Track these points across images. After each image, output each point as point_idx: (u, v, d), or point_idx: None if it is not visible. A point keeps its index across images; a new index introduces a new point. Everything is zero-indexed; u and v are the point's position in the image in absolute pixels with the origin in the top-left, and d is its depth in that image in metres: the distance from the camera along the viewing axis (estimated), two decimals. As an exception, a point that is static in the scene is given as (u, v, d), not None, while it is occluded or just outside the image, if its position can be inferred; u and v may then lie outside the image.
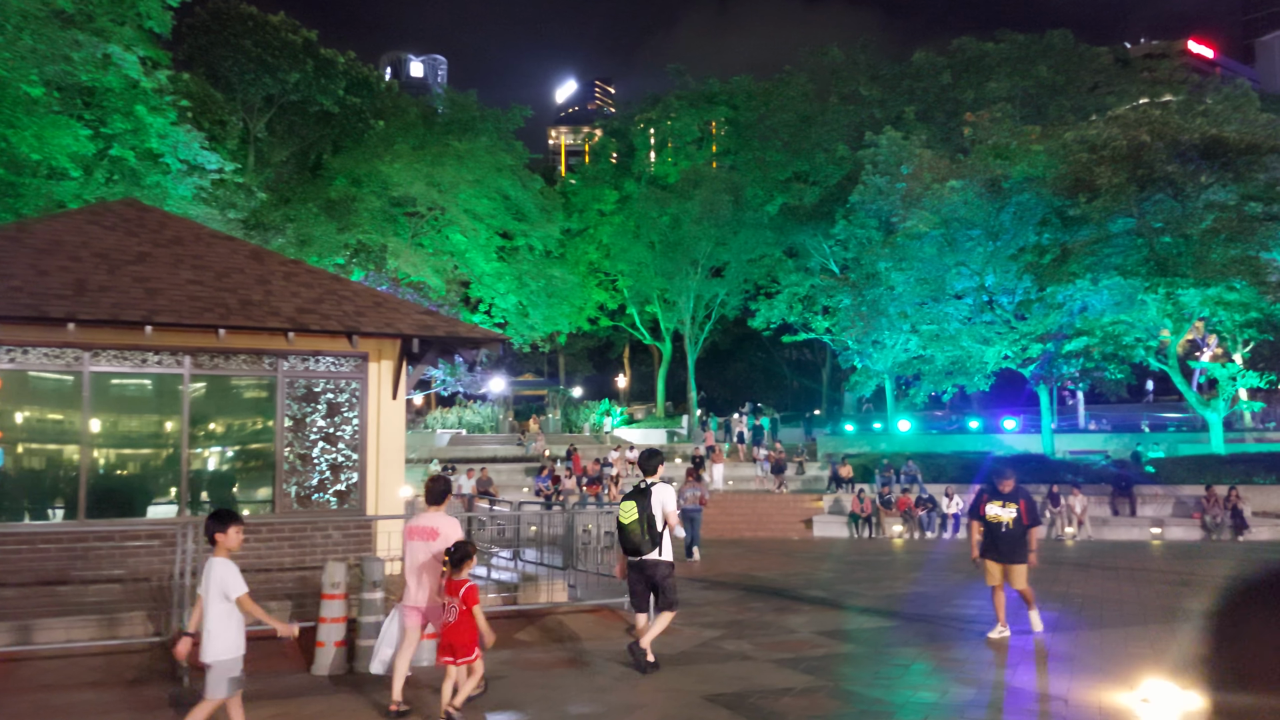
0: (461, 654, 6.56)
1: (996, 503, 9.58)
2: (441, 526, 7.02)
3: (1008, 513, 9.47)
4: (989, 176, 29.08)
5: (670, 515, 8.08)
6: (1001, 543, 9.50)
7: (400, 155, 38.77)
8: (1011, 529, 9.44)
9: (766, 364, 62.43)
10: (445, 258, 43.13)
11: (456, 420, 49.01)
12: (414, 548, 7.07)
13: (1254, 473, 24.47)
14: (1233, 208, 25.08)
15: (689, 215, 43.43)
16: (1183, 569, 15.62)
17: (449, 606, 6.58)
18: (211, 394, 10.99)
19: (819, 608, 11.91)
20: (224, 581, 5.48)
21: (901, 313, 31.85)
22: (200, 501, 10.68)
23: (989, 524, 9.59)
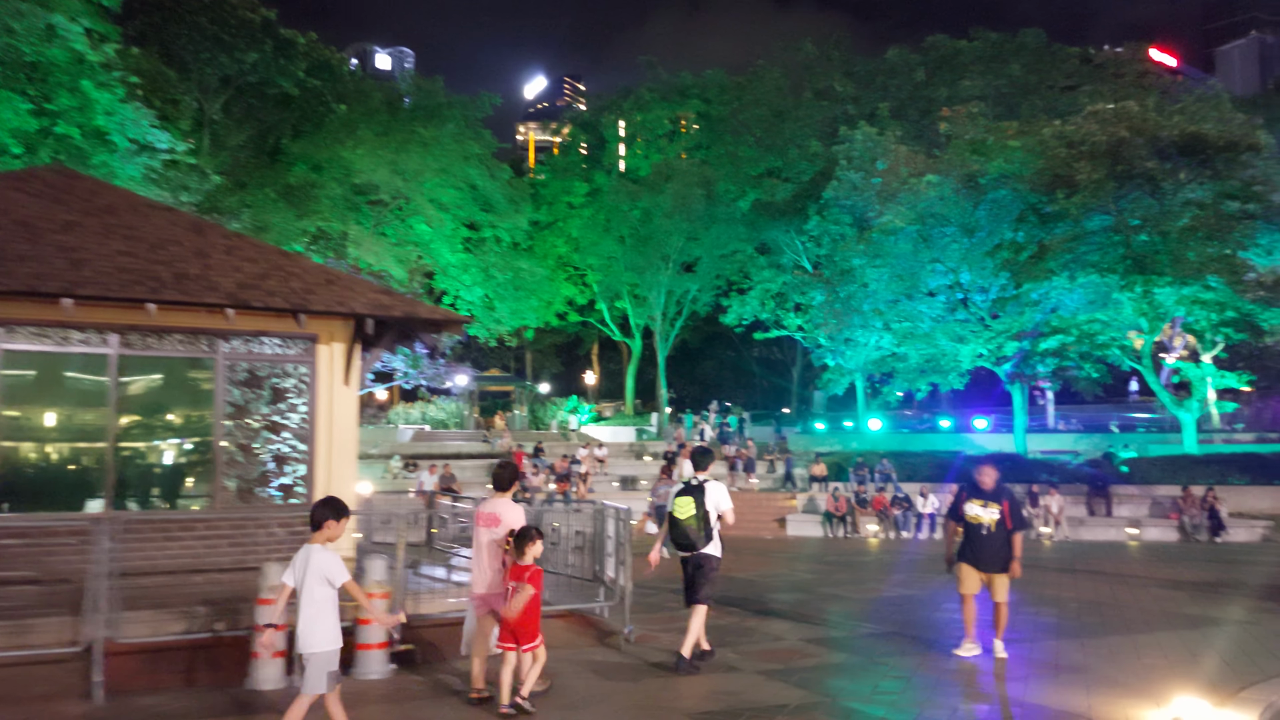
0: (525, 640, 6.48)
1: (977, 502, 8.38)
2: (503, 512, 6.99)
3: (989, 514, 8.26)
4: (966, 172, 28.61)
5: (726, 513, 8.12)
6: (982, 548, 8.31)
7: (363, 141, 37.61)
8: (994, 532, 8.23)
9: (736, 362, 61.82)
10: (409, 248, 42.05)
11: (420, 416, 47.96)
12: (478, 534, 7.11)
13: (1228, 473, 24.14)
14: (1210, 206, 24.75)
15: (660, 209, 42.66)
16: (1170, 572, 15.08)
17: (513, 593, 6.49)
18: (143, 377, 10.02)
19: (802, 612, 11.18)
20: (328, 568, 5.34)
21: (875, 310, 31.31)
22: (128, 495, 9.71)
23: (968, 525, 8.42)
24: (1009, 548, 8.27)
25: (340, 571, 5.39)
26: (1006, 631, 9.26)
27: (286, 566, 5.47)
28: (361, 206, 41.23)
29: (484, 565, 7.02)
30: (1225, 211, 24.45)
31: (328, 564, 5.36)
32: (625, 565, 9.45)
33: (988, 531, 8.27)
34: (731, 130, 48.15)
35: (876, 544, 22.23)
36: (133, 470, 9.97)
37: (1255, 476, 23.93)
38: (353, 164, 38.12)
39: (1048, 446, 32.73)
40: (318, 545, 5.42)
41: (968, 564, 8.43)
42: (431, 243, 42.63)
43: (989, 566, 8.30)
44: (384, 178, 38.28)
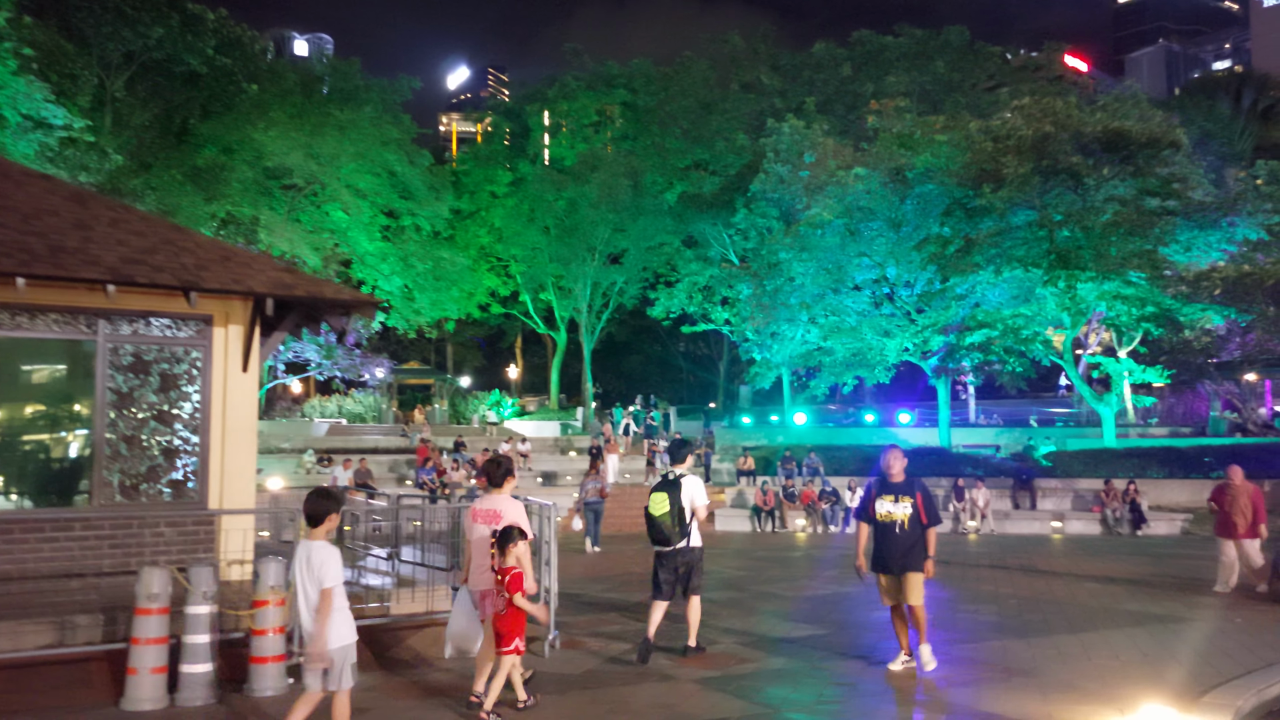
0: (502, 644, 6.28)
1: (887, 497, 7.64)
2: (504, 509, 6.84)
3: (901, 509, 7.56)
4: (893, 165, 28.54)
5: (699, 508, 8.13)
6: (894, 547, 7.57)
7: (276, 123, 36.06)
8: (907, 529, 7.53)
9: (663, 356, 61.49)
10: (325, 235, 40.60)
11: (337, 409, 46.50)
12: (477, 531, 6.90)
13: (1148, 466, 24.48)
14: (1131, 202, 25.05)
15: (586, 199, 41.93)
16: (1101, 566, 14.99)
17: (498, 595, 6.34)
18: (13, 360, 9.00)
19: (736, 612, 10.66)
20: (321, 565, 5.18)
21: (803, 303, 31.10)
22: (-8, 492, 8.69)
23: (879, 525, 7.66)
24: (923, 545, 7.61)
25: (333, 574, 5.22)
26: (950, 631, 8.88)
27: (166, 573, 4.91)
28: (275, 191, 39.66)
29: (484, 563, 6.79)
30: (1146, 208, 24.76)
31: (328, 562, 5.21)
32: (550, 566, 8.77)
33: (901, 529, 7.56)
34: (658, 122, 47.65)
35: (805, 538, 21.94)
36: (1, 464, 8.94)
37: (1173, 470, 24.31)
38: (265, 146, 36.57)
39: (970, 440, 33.03)
40: (319, 541, 5.25)
41: (881, 571, 7.71)
42: (348, 230, 41.22)
43: (901, 565, 7.56)
44: (297, 161, 36.79)
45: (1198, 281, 23.79)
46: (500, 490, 7.03)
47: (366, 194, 40.66)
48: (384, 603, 8.79)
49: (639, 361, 62.76)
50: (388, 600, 8.80)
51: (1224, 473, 12.13)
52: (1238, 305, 23.57)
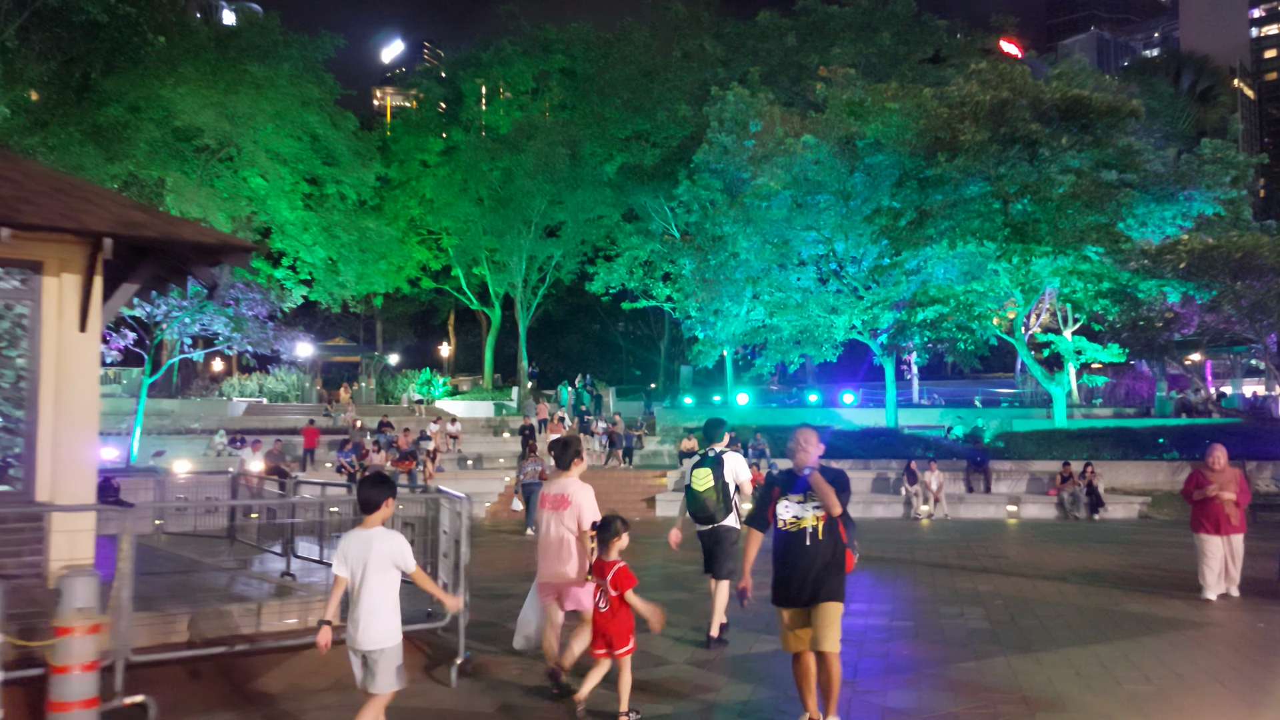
0: (618, 645, 5.78)
1: (794, 498, 5.47)
2: (573, 493, 6.40)
3: (815, 511, 5.39)
4: (843, 134, 27.28)
5: (744, 484, 7.89)
6: (804, 565, 5.34)
7: (186, 79, 33.49)
8: (820, 540, 5.36)
9: (603, 336, 60.02)
10: (243, 203, 38.15)
11: (257, 388, 44.31)
12: (545, 518, 6.49)
13: (1101, 448, 23.66)
14: (1088, 174, 24.10)
15: (522, 169, 40.02)
16: (1076, 557, 13.86)
17: (600, 591, 5.84)
18: None
19: (688, 618, 9.17)
20: (397, 553, 4.94)
21: (748, 278, 29.77)
22: None
23: (782, 536, 5.48)
24: (840, 563, 5.48)
25: (410, 557, 4.99)
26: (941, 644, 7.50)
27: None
28: (187, 154, 37.09)
29: (551, 552, 6.40)
30: (1103, 180, 23.82)
31: (396, 548, 4.94)
32: (462, 570, 7.16)
33: (812, 540, 5.35)
34: (598, 90, 45.77)
35: (751, 525, 20.59)
36: None
37: (1127, 451, 23.54)
38: (174, 105, 33.97)
39: (914, 421, 32.13)
40: (381, 529, 4.98)
41: (784, 604, 5.48)
42: (268, 198, 38.83)
43: (812, 594, 5.35)
44: (209, 121, 34.27)
45: (1160, 255, 22.93)
46: (568, 473, 6.52)
47: (288, 160, 38.31)
48: (256, 611, 7.11)
49: (578, 341, 61.22)
50: (260, 614, 7.12)
51: (1204, 455, 10.11)
52: (1201, 280, 22.78)
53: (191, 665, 6.28)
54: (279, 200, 38.88)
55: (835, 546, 5.47)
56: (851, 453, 24.43)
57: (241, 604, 7.22)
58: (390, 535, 4.97)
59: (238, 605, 7.16)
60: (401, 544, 4.97)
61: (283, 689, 6.35)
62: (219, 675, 6.29)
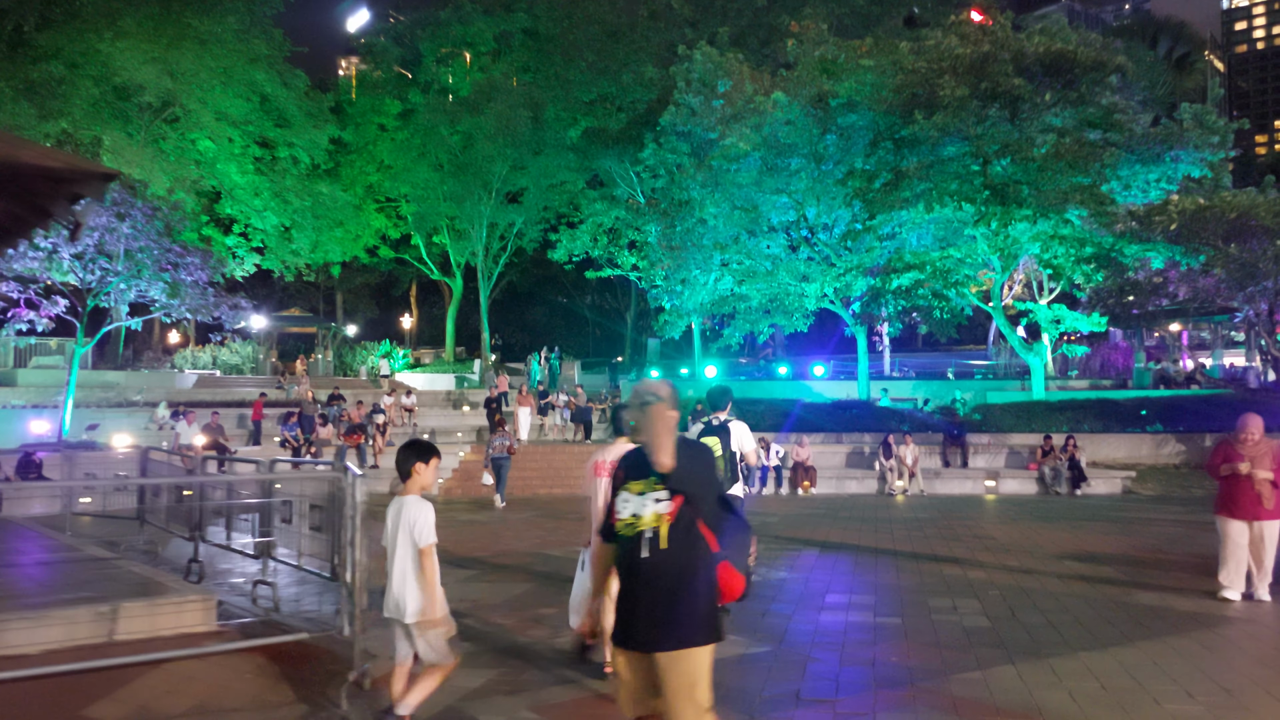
0: None
1: (635, 486, 3.64)
2: None
3: (651, 506, 3.56)
4: (816, 92, 26.03)
5: (749, 453, 7.80)
6: (637, 588, 3.55)
7: (126, 34, 31.63)
8: (667, 550, 3.50)
9: (569, 308, 58.79)
10: (190, 166, 36.39)
11: (211, 360, 42.70)
12: (603, 485, 5.94)
13: (1082, 420, 22.75)
14: (1071, 133, 23.03)
15: (482, 132, 38.44)
16: (1069, 537, 12.84)
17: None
18: None
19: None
20: (415, 524, 4.71)
21: (716, 244, 28.53)
22: None
23: (619, 543, 3.66)
24: (703, 587, 3.52)
25: (428, 531, 4.72)
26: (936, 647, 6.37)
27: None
28: (130, 114, 35.19)
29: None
30: (1087, 140, 22.75)
31: (415, 518, 4.71)
32: (353, 561, 5.90)
33: (651, 549, 3.50)
34: (562, 52, 44.07)
35: (719, 502, 19.46)
36: None
37: (1109, 424, 22.64)
38: (113, 60, 32.14)
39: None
40: (411, 496, 4.81)
41: (621, 644, 3.60)
42: (216, 161, 37.08)
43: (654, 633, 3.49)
44: (151, 78, 32.43)
45: (1150, 216, 21.91)
46: (624, 439, 6.03)
47: (237, 121, 36.55)
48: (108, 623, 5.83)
49: (544, 313, 59.95)
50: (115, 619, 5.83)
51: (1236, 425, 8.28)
52: (1190, 245, 21.81)
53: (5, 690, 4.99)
54: (228, 164, 37.21)
55: (693, 560, 3.47)
56: (823, 426, 23.38)
57: (93, 606, 5.93)
58: (416, 505, 4.76)
59: (88, 608, 5.87)
60: (421, 515, 4.73)
61: (123, 717, 5.07)
62: (44, 700, 5.01)
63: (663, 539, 3.48)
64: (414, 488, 4.83)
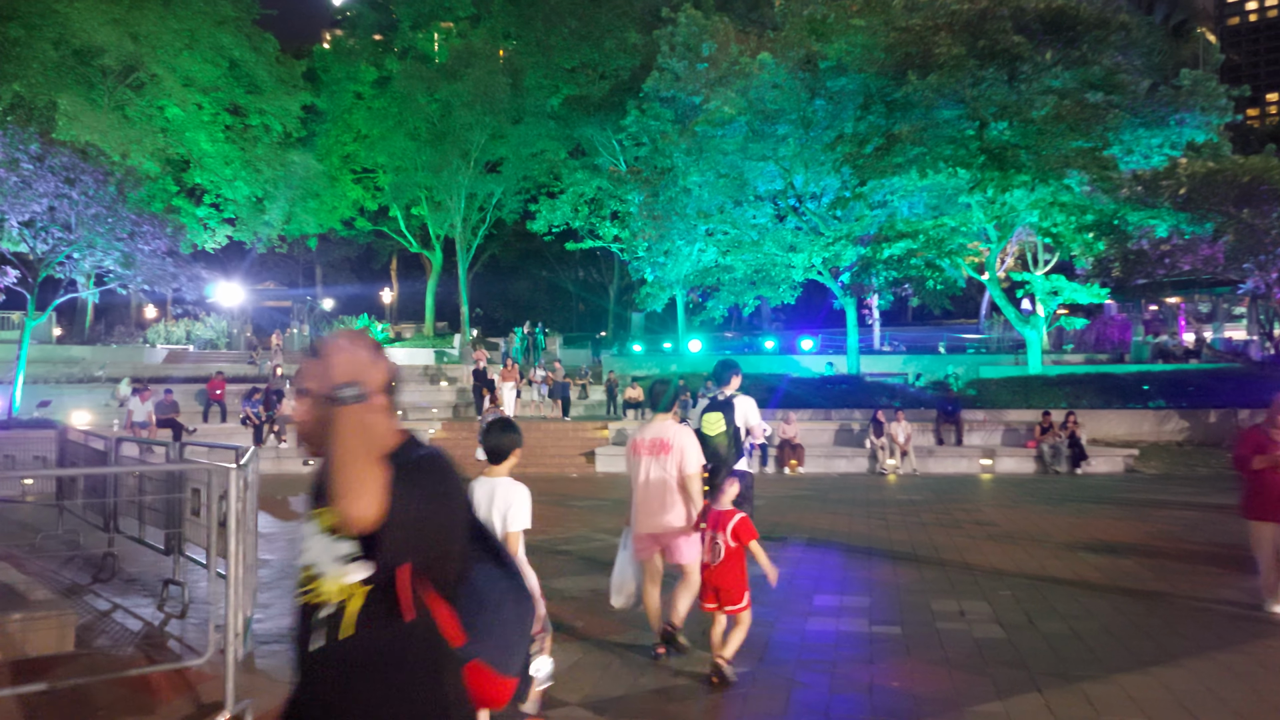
0: (729, 601, 5.33)
1: (322, 516, 1.92)
2: (674, 438, 5.84)
3: (338, 563, 1.87)
4: (804, 53, 24.85)
5: (755, 428, 7.71)
6: (304, 693, 1.95)
7: (84, -8, 30.18)
8: (353, 642, 1.87)
9: (552, 282, 57.75)
10: (158, 135, 34.95)
11: (185, 334, 41.52)
12: (642, 464, 5.87)
13: (1081, 395, 21.82)
14: (1072, 94, 21.92)
15: (460, 99, 37.09)
16: (1079, 523, 11.89)
17: (712, 543, 5.37)
18: None
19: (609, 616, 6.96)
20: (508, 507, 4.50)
21: (700, 212, 27.40)
22: None
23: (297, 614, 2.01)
24: (429, 712, 1.92)
25: (522, 515, 4.50)
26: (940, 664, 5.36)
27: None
28: (94, 80, 33.73)
29: (653, 502, 5.82)
30: (1089, 102, 21.65)
31: (509, 501, 4.50)
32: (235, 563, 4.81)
33: (328, 633, 1.88)
34: (543, 17, 42.66)
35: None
36: None
37: (1110, 399, 21.70)
38: (71, 21, 30.66)
39: (875, 369, 30.16)
40: (505, 478, 4.58)
41: None
42: (185, 129, 35.65)
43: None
44: (110, 40, 31.00)
45: (1156, 181, 20.86)
46: (665, 415, 6.03)
47: (207, 89, 35.14)
48: None
49: (527, 287, 58.86)
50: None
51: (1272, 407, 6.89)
52: (1198, 211, 20.79)
53: None
54: (198, 132, 35.80)
55: (402, 662, 1.89)
56: (811, 402, 22.38)
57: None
58: (512, 487, 4.58)
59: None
60: (517, 498, 4.54)
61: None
62: None
63: (346, 623, 1.88)
64: (505, 469, 4.65)
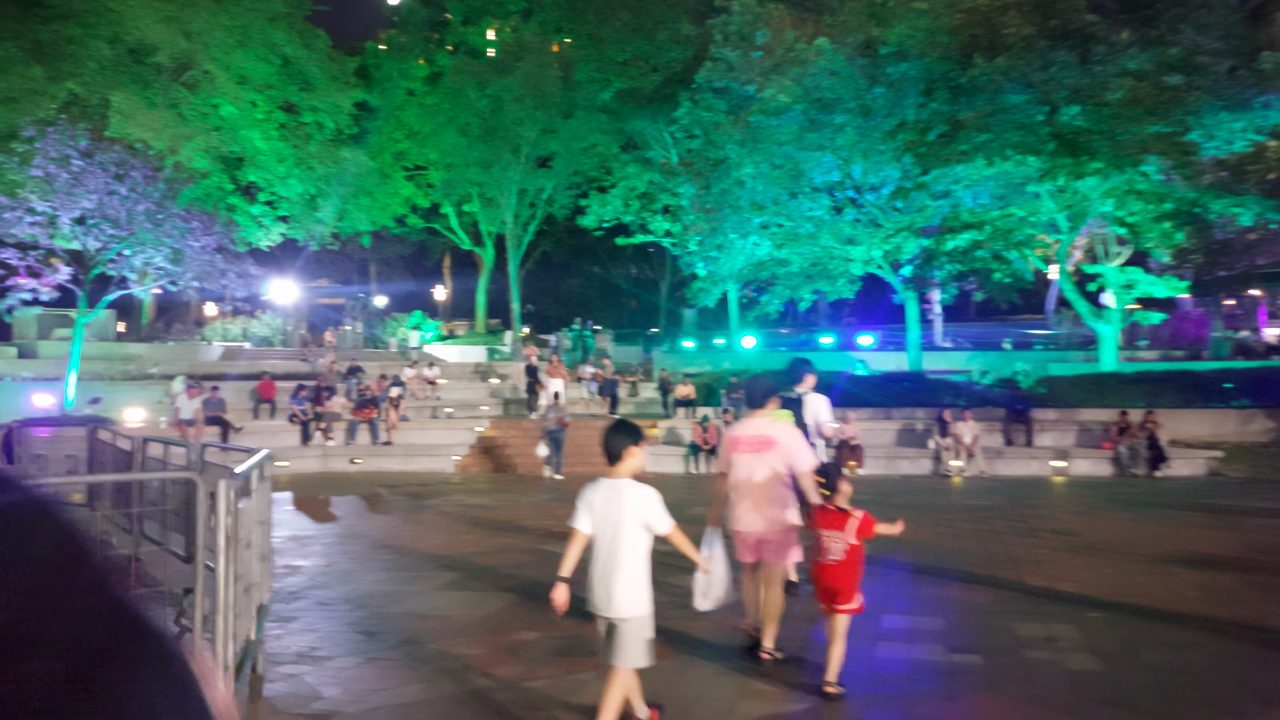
0: (844, 600, 5.23)
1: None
2: (778, 435, 5.80)
3: None
4: (863, 38, 23.96)
5: (824, 425, 7.51)
6: None
7: (137, -12, 30.37)
8: None
9: (603, 279, 57.46)
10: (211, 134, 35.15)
11: (241, 332, 41.86)
12: (744, 462, 5.79)
13: (1160, 394, 20.61)
14: (1150, 76, 20.71)
15: (510, 93, 36.77)
16: (1162, 533, 10.97)
17: (828, 542, 5.29)
18: None
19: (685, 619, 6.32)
20: (646, 509, 4.40)
21: (754, 204, 26.63)
22: None
23: None
24: None
25: (664, 516, 4.44)
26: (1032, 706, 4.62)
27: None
28: (149, 78, 34.00)
29: (756, 500, 5.68)
30: (1167, 84, 20.44)
31: (648, 504, 4.41)
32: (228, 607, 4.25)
33: None
34: (595, 10, 42.19)
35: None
36: None
37: (1190, 398, 20.48)
38: (125, 19, 30.90)
39: (938, 366, 29.10)
40: (628, 480, 4.48)
41: None
42: (239, 127, 35.81)
43: None
44: (163, 37, 31.16)
45: (1241, 167, 19.63)
46: (763, 411, 5.97)
47: (261, 87, 35.26)
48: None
49: (578, 284, 58.66)
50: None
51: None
52: (1292, 196, 19.53)
53: None
54: (252, 130, 35.93)
55: None
56: (872, 400, 21.49)
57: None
58: (641, 489, 4.48)
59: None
60: (652, 500, 4.47)
61: None
62: None
63: None
64: (626, 470, 4.54)
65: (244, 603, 4.39)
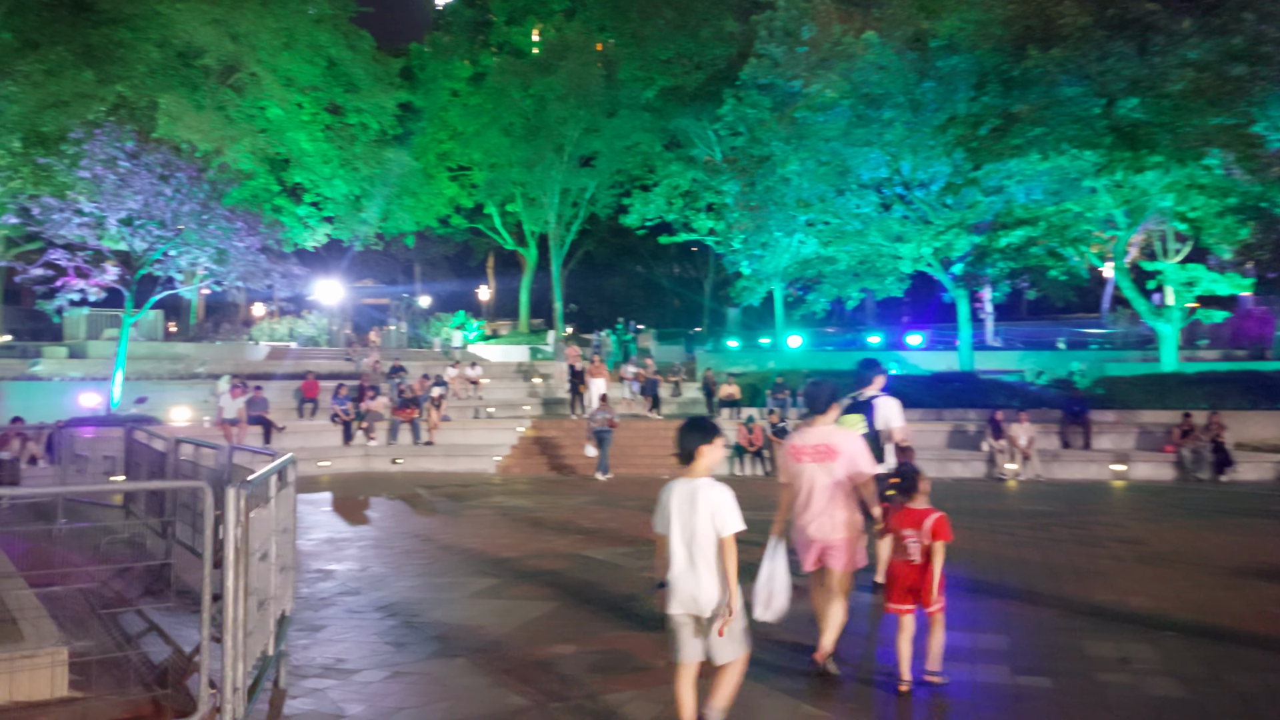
0: (928, 601, 5.30)
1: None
2: (840, 443, 5.67)
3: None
4: (912, 31, 23.38)
5: (896, 430, 7.24)
6: None
7: (184, -9, 30.67)
8: None
9: (646, 278, 57.28)
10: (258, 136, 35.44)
11: (288, 332, 42.22)
12: (808, 472, 5.65)
13: (1225, 395, 19.78)
14: (1212, 66, 19.90)
15: (554, 93, 36.63)
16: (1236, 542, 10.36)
17: (906, 542, 5.32)
18: None
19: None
20: (716, 510, 4.30)
21: (800, 201, 26.14)
22: None
23: None
24: None
25: (734, 518, 4.31)
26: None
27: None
28: (197, 80, 34.37)
29: (823, 507, 5.56)
30: (1230, 74, 19.62)
31: (722, 504, 4.32)
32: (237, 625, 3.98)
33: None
34: (638, 9, 41.92)
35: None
36: None
37: (1257, 400, 19.63)
38: (174, 23, 31.22)
39: (990, 366, 28.35)
40: (704, 479, 4.40)
41: None
42: (286, 129, 36.08)
43: None
44: (211, 40, 31.44)
45: (1315, 157, 18.81)
46: (825, 418, 5.78)
47: (306, 88, 35.49)
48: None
49: (621, 283, 58.48)
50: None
51: None
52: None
53: None
54: (298, 131, 36.16)
55: None
56: (922, 401, 20.89)
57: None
58: (715, 489, 4.38)
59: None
60: (723, 501, 4.35)
61: None
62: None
63: None
64: (701, 469, 4.47)
65: (258, 618, 4.13)
